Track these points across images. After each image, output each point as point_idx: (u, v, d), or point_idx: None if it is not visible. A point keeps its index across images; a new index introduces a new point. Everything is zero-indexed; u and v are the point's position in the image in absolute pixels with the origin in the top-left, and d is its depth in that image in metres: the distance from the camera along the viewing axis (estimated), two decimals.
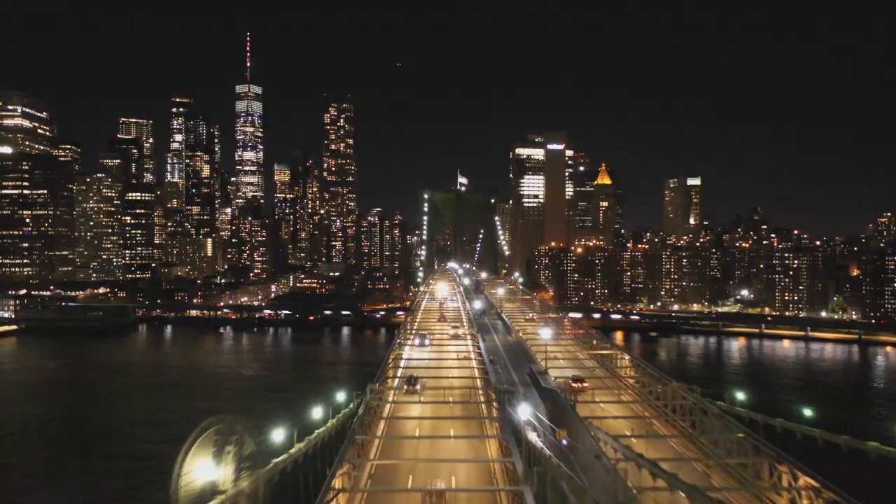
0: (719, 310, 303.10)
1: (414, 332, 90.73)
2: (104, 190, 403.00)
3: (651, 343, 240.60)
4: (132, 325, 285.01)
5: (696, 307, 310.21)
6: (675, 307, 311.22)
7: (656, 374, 53.99)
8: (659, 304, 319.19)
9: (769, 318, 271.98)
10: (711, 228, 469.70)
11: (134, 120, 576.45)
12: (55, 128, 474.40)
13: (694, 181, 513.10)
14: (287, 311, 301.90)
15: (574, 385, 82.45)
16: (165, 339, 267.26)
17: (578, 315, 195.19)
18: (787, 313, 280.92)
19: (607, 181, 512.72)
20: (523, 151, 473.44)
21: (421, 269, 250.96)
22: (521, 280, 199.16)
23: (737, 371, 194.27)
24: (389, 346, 67.15)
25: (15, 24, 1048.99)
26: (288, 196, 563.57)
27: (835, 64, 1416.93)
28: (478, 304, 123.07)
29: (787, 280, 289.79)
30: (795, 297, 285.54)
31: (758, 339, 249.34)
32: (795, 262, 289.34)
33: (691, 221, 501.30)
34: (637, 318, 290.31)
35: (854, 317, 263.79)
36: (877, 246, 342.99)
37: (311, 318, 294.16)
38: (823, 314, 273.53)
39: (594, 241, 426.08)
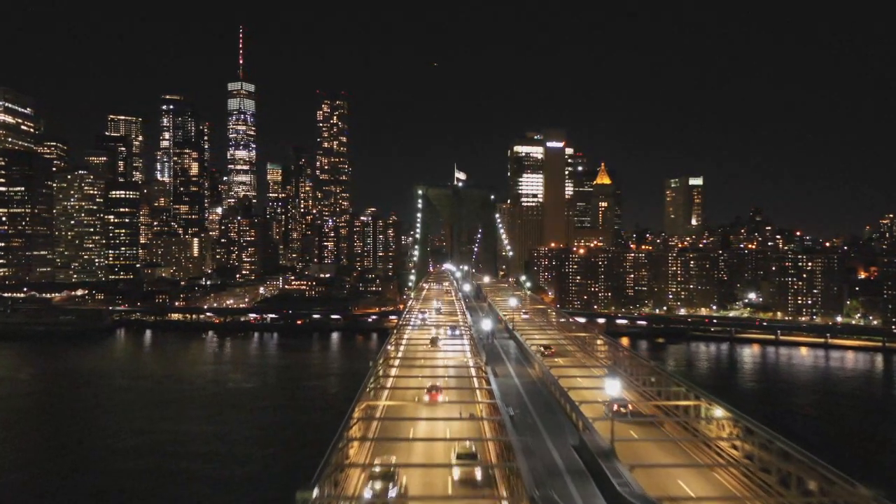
0: (728, 314, 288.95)
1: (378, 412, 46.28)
2: (86, 188, 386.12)
3: (659, 350, 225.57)
4: (109, 329, 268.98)
5: (703, 311, 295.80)
6: (682, 311, 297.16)
7: (798, 456, 29.28)
8: (664, 307, 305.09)
9: (800, 324, 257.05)
10: (712, 229, 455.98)
11: (123, 117, 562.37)
12: (41, 125, 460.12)
13: (696, 181, 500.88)
14: (273, 315, 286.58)
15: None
16: (143, 344, 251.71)
17: (582, 319, 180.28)
18: (801, 318, 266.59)
19: (607, 181, 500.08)
20: (522, 149, 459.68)
21: (414, 270, 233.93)
22: (528, 285, 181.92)
23: (766, 384, 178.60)
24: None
25: (13, 24, 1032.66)
26: (280, 195, 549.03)
27: (835, 64, 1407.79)
28: (486, 325, 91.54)
29: (799, 283, 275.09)
30: (809, 301, 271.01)
31: (773, 346, 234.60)
32: (809, 264, 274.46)
33: (693, 222, 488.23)
34: (644, 322, 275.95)
35: (874, 322, 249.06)
36: (880, 248, 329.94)
37: (300, 322, 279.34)
38: (839, 319, 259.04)
39: (594, 242, 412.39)
